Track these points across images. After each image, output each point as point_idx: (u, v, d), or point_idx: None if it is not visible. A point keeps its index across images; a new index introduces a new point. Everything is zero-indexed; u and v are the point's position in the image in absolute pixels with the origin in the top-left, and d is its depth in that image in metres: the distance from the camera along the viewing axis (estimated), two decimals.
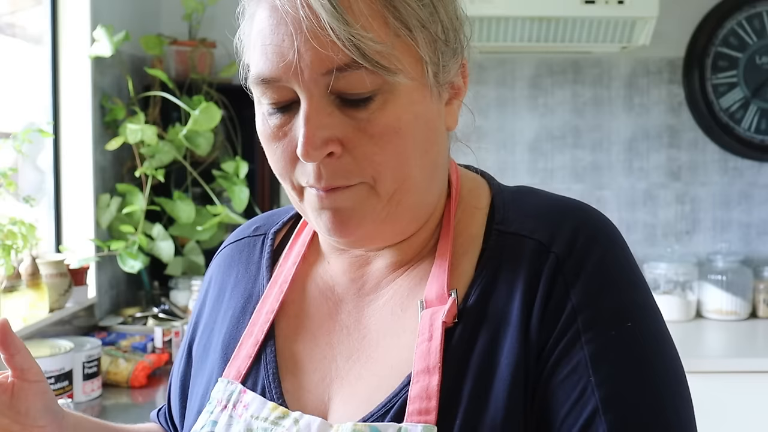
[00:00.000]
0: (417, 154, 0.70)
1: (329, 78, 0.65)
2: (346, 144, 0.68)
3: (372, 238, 0.74)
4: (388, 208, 0.71)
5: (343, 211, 0.70)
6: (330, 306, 0.79)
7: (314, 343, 0.78)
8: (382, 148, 0.68)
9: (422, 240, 0.77)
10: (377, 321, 0.76)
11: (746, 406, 2.31)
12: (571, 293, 0.69)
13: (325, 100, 0.67)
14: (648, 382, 0.67)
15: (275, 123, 0.70)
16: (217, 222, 2.44)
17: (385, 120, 0.67)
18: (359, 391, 0.73)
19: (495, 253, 0.73)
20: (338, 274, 0.80)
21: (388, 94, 0.67)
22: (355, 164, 0.68)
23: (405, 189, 0.71)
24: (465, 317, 0.71)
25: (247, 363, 0.77)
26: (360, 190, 0.69)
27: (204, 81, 2.60)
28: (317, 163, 0.68)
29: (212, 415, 0.76)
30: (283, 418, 0.72)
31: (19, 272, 1.93)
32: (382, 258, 0.78)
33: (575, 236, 0.71)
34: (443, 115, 0.74)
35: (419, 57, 0.68)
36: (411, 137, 0.69)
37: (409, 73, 0.67)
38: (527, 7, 2.52)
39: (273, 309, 0.80)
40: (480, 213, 0.77)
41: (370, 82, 0.65)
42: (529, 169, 2.96)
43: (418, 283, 0.76)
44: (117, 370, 2.04)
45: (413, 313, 0.74)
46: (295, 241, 0.84)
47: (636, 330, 0.69)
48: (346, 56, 0.64)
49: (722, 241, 2.93)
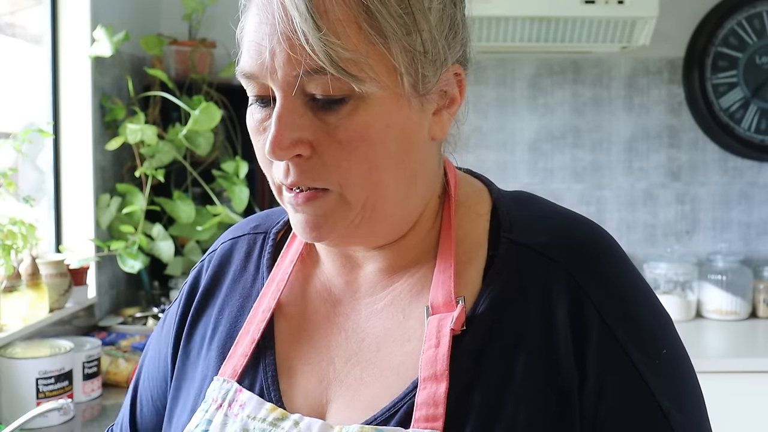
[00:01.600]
0: (389, 163, 0.69)
1: (301, 80, 0.65)
2: (316, 147, 0.68)
3: (348, 239, 0.74)
4: (362, 214, 0.71)
5: (315, 216, 0.71)
6: (327, 308, 0.79)
7: (311, 345, 0.77)
8: (349, 154, 0.67)
9: (415, 244, 0.77)
10: (376, 325, 0.76)
11: (746, 406, 2.31)
12: (605, 319, 0.70)
13: (297, 101, 0.67)
14: (695, 398, 0.74)
15: (258, 117, 0.71)
16: (217, 222, 2.44)
17: (354, 127, 0.67)
18: (360, 394, 0.72)
19: (505, 263, 0.73)
20: (334, 275, 0.80)
21: (359, 101, 0.66)
22: (323, 168, 0.68)
23: (378, 196, 0.70)
24: (474, 326, 0.70)
25: (243, 362, 0.77)
26: (329, 199, 0.70)
27: (204, 81, 2.60)
28: (286, 162, 0.68)
29: (207, 413, 0.75)
30: (281, 420, 0.72)
31: (19, 272, 1.93)
32: (373, 262, 0.78)
33: (591, 256, 0.73)
34: (427, 124, 0.72)
35: (394, 66, 0.67)
36: (381, 146, 0.68)
37: (382, 82, 0.66)
38: (527, 7, 2.52)
39: (270, 307, 0.79)
40: (481, 219, 0.77)
41: (336, 89, 0.65)
42: (529, 169, 2.96)
43: (421, 289, 0.75)
44: (117, 370, 2.05)
45: (416, 319, 0.74)
46: (293, 240, 0.84)
47: (671, 351, 0.73)
48: (314, 61, 0.64)
49: (722, 241, 2.93)
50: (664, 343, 0.73)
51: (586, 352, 0.69)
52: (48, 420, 1.74)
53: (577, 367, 0.68)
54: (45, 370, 1.79)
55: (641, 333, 0.71)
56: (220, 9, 2.67)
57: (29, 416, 1.51)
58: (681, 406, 0.71)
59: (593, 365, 0.68)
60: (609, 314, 0.70)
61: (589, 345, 0.69)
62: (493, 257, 0.74)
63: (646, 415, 0.69)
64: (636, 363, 0.69)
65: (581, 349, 0.69)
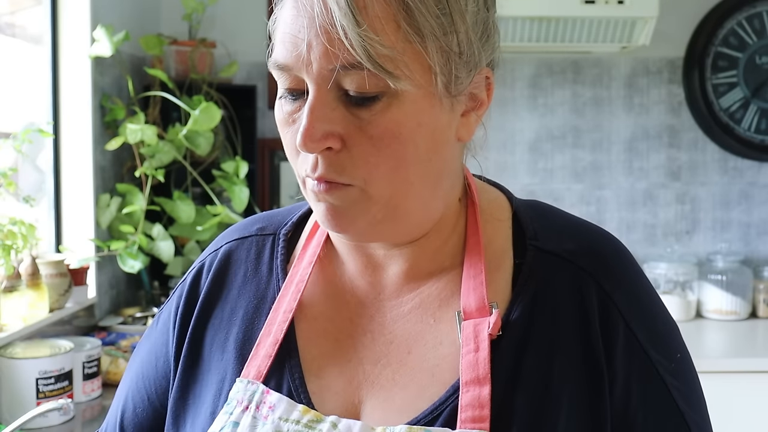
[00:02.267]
0: (417, 161, 0.70)
1: (336, 74, 0.66)
2: (346, 141, 0.68)
3: (369, 235, 0.74)
4: (384, 210, 0.71)
5: (337, 207, 0.71)
6: (350, 309, 0.79)
7: (336, 346, 0.77)
8: (379, 150, 0.68)
9: (438, 247, 0.77)
10: (404, 328, 0.76)
11: (746, 406, 2.31)
12: (630, 324, 0.74)
13: (330, 95, 0.67)
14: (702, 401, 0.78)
15: (288, 109, 0.71)
16: (217, 222, 2.44)
17: (386, 123, 0.67)
18: (395, 396, 0.73)
19: (534, 271, 0.75)
20: (356, 276, 0.80)
21: (392, 98, 0.67)
22: (350, 162, 0.68)
23: (402, 194, 0.71)
24: (509, 331, 0.72)
25: (267, 363, 0.76)
26: (351, 193, 0.70)
27: (204, 81, 2.60)
28: (316, 155, 0.69)
29: (232, 416, 0.74)
30: (317, 422, 0.71)
31: (19, 272, 1.93)
32: (396, 263, 0.78)
33: (614, 264, 0.76)
34: (455, 125, 0.73)
35: (429, 66, 0.68)
36: (411, 144, 0.69)
37: (417, 81, 0.67)
38: (527, 7, 2.52)
39: (291, 308, 0.79)
40: (503, 225, 0.78)
41: (372, 85, 0.66)
42: (529, 169, 2.96)
43: (450, 294, 0.76)
44: (117, 370, 2.05)
45: (447, 323, 0.75)
46: (309, 241, 0.83)
47: (682, 354, 0.77)
48: (352, 56, 0.64)
49: (722, 241, 2.93)
50: (677, 348, 0.76)
51: (615, 355, 0.72)
52: (48, 420, 1.74)
53: (607, 369, 0.72)
54: (45, 370, 1.79)
55: (658, 338, 0.75)
56: (220, 9, 2.67)
57: (29, 416, 1.51)
58: (694, 407, 0.75)
59: (621, 368, 0.72)
60: (632, 320, 0.74)
61: (617, 349, 0.72)
62: (521, 265, 0.75)
63: (668, 414, 0.73)
64: (656, 365, 0.73)
65: (610, 352, 0.72)
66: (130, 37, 2.37)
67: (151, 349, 0.88)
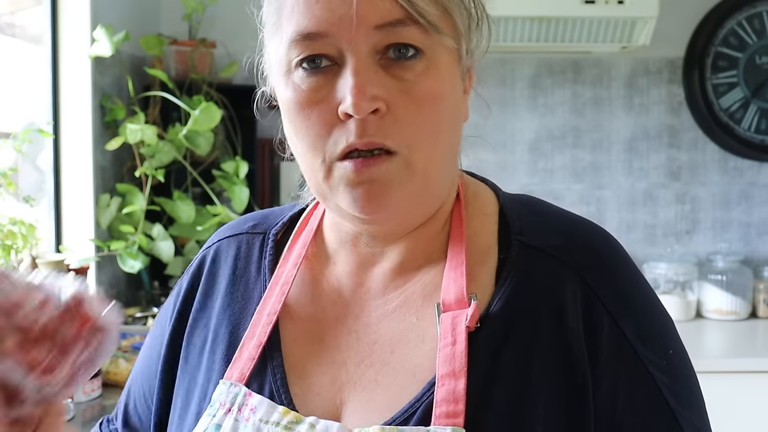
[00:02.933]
0: (450, 128, 0.72)
1: (381, 33, 0.66)
2: (390, 104, 0.68)
3: (399, 214, 0.73)
4: (421, 182, 0.71)
5: (378, 184, 0.69)
6: (337, 309, 0.78)
7: (321, 347, 0.77)
8: (424, 111, 0.69)
9: (427, 241, 0.77)
10: (388, 327, 0.75)
11: (746, 406, 2.31)
12: (617, 321, 0.72)
13: (371, 59, 0.67)
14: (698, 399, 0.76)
15: (310, 86, 0.69)
16: (217, 222, 2.44)
17: (429, 84, 0.69)
18: (376, 396, 0.72)
19: (517, 266, 0.73)
20: (344, 276, 0.79)
21: (431, 60, 0.69)
22: (395, 125, 0.68)
23: (435, 161, 0.71)
24: (488, 324, 0.71)
25: (250, 365, 0.76)
26: (395, 163, 0.69)
27: (204, 81, 2.60)
28: (360, 120, 0.67)
29: (215, 418, 0.74)
30: (296, 423, 0.71)
31: None
32: (387, 258, 0.78)
33: (601, 259, 0.75)
34: (461, 102, 0.75)
35: (457, 31, 0.71)
36: (448, 107, 0.71)
37: (452, 42, 0.70)
38: (527, 7, 2.52)
39: (275, 310, 0.78)
40: (489, 220, 0.77)
41: (421, 41, 0.67)
42: (529, 169, 2.96)
43: (433, 290, 0.75)
44: (117, 370, 2.05)
45: (429, 320, 0.74)
46: (294, 242, 0.83)
47: (676, 351, 0.75)
48: (402, 10, 0.66)
49: (722, 241, 2.93)
50: (669, 344, 0.74)
51: (599, 352, 0.70)
52: None
53: (591, 369, 0.70)
54: None
55: (649, 334, 0.73)
56: (220, 9, 2.67)
57: None
58: (686, 405, 0.73)
59: (606, 366, 0.70)
60: (620, 316, 0.72)
61: (601, 346, 0.70)
62: (505, 259, 0.74)
63: (657, 412, 0.71)
64: (645, 362, 0.71)
65: (594, 350, 0.70)
66: (130, 37, 2.37)
67: (150, 344, 0.90)
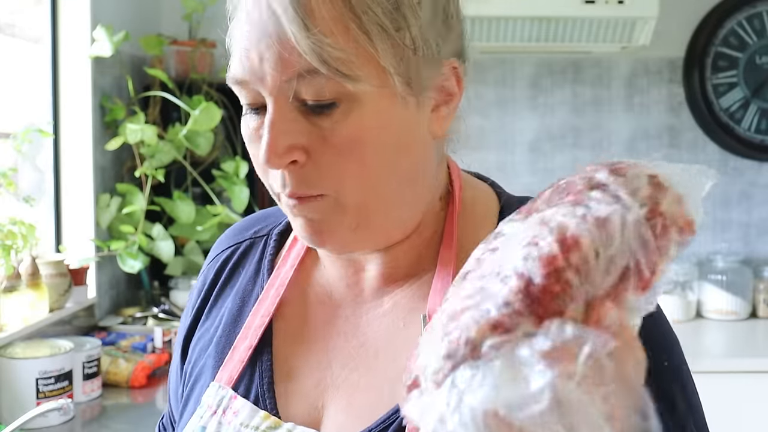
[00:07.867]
0: (385, 165, 0.68)
1: (292, 84, 0.64)
2: (311, 153, 0.66)
3: (349, 245, 0.72)
4: (357, 219, 0.69)
5: (313, 221, 0.69)
6: (327, 311, 0.78)
7: (309, 348, 0.76)
8: (345, 158, 0.66)
9: (418, 249, 0.75)
10: (376, 330, 0.75)
11: (746, 406, 2.31)
12: None
13: (289, 106, 0.65)
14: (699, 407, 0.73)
15: (252, 125, 0.69)
16: (217, 222, 2.44)
17: (348, 130, 0.65)
18: (356, 402, 0.71)
19: None
20: (335, 279, 0.79)
21: (352, 103, 0.65)
22: (318, 174, 0.66)
23: (375, 199, 0.68)
24: None
25: (239, 368, 0.76)
26: (325, 203, 0.68)
27: (204, 81, 2.60)
28: (283, 171, 0.67)
29: (202, 420, 0.74)
30: (274, 429, 0.71)
31: (19, 272, 1.93)
32: (374, 265, 0.76)
33: None
34: (425, 122, 0.70)
35: (383, 66, 0.65)
36: (377, 147, 0.66)
37: (374, 82, 0.65)
38: (527, 7, 2.52)
39: (269, 313, 0.78)
40: (487, 223, 0.75)
41: (329, 90, 0.63)
42: (529, 169, 2.96)
43: (422, 297, 0.74)
44: (117, 371, 2.04)
45: (415, 328, 0.72)
46: (293, 244, 0.83)
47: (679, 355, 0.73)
48: (307, 62, 0.62)
49: (722, 241, 2.93)
50: (671, 356, 0.72)
51: None
52: (48, 420, 1.74)
53: None
54: (45, 370, 1.79)
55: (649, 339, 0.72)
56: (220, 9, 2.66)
57: (29, 416, 1.51)
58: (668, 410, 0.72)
59: None
60: None
61: None
62: None
63: None
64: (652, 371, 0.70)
65: None
66: (130, 37, 2.37)
67: (174, 348, 0.91)
